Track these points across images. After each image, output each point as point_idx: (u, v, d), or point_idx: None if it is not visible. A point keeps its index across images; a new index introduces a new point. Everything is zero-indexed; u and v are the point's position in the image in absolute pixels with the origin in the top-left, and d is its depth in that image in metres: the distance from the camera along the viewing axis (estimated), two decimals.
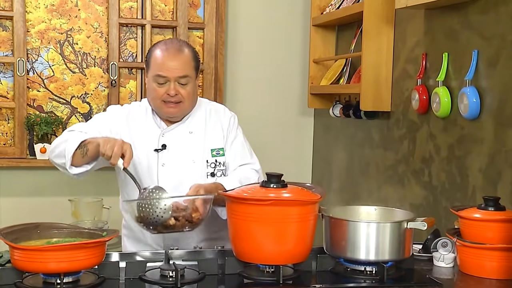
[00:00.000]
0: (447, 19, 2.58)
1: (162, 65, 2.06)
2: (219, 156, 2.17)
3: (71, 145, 2.01)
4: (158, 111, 2.15)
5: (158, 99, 2.09)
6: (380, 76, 3.01)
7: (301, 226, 1.74)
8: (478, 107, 2.35)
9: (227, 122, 2.23)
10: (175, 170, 2.15)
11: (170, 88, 2.06)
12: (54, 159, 2.10)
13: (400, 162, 2.96)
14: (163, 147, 2.13)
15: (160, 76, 2.06)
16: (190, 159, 2.16)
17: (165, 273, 1.67)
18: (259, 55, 3.85)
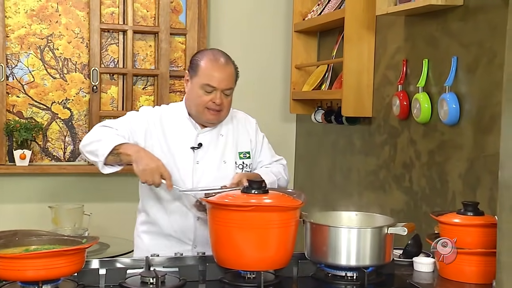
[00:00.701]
0: (427, 26, 2.61)
1: (212, 76, 2.21)
2: (246, 159, 2.34)
3: (104, 148, 2.12)
4: (199, 116, 2.27)
5: (202, 106, 2.23)
6: (362, 82, 3.04)
7: (282, 232, 1.75)
8: (457, 113, 2.38)
9: (253, 128, 2.43)
10: (209, 168, 2.28)
11: (216, 97, 2.21)
12: (87, 154, 2.21)
13: (381, 168, 2.98)
14: (199, 146, 2.27)
15: (209, 85, 2.21)
16: (222, 159, 2.31)
17: (146, 280, 1.67)
18: (241, 61, 3.81)
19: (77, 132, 3.69)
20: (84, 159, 3.71)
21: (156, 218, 2.32)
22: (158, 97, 3.75)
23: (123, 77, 3.72)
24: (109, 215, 3.66)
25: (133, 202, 3.73)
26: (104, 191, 3.72)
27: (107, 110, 3.71)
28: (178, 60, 3.82)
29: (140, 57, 3.76)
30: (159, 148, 2.24)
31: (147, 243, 2.35)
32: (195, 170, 2.26)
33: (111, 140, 2.13)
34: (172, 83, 3.80)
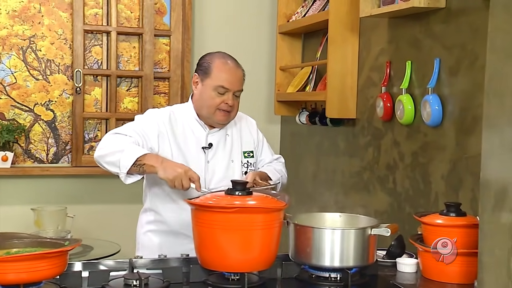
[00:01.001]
0: (410, 28, 2.63)
1: (226, 78, 2.26)
2: (250, 158, 2.42)
3: (127, 159, 2.11)
4: (210, 117, 2.31)
5: (213, 107, 2.28)
6: (346, 83, 3.05)
7: (266, 234, 1.75)
8: (440, 115, 2.40)
9: (255, 128, 2.52)
10: (218, 167, 2.34)
11: (228, 98, 2.27)
12: (106, 165, 2.19)
13: (365, 169, 3.00)
14: (210, 146, 2.33)
15: (223, 87, 2.26)
16: (230, 158, 2.38)
17: (129, 282, 1.66)
18: None
19: (60, 133, 3.66)
20: (68, 161, 3.68)
21: (167, 217, 2.33)
22: (142, 99, 3.74)
23: (107, 78, 3.70)
24: (92, 217, 3.64)
25: (117, 204, 3.73)
26: (87, 193, 3.70)
27: (91, 112, 3.69)
28: (163, 61, 3.81)
29: (124, 59, 3.74)
30: (169, 149, 2.27)
31: (156, 241, 2.35)
32: (207, 169, 2.31)
33: (132, 151, 2.12)
34: (157, 85, 3.79)
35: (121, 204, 3.73)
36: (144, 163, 2.10)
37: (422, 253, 1.90)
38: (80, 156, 3.66)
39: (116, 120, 3.71)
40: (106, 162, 2.17)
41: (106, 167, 2.19)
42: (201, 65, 2.32)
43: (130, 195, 3.74)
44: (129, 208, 3.73)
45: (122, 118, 3.74)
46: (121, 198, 3.73)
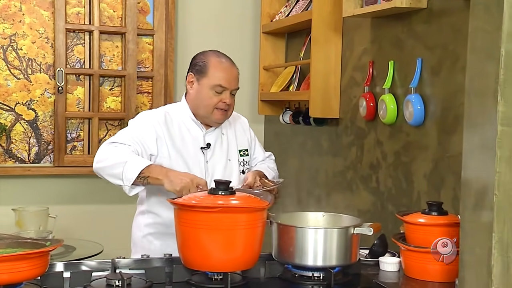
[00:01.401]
0: (392, 28, 2.64)
1: (223, 77, 2.25)
2: (245, 156, 2.43)
3: (130, 172, 2.07)
4: (208, 116, 2.29)
5: (212, 107, 2.26)
6: (329, 83, 3.06)
7: (249, 233, 1.75)
8: (422, 114, 2.41)
9: (247, 126, 2.52)
10: (218, 167, 2.33)
11: (226, 97, 2.25)
12: (107, 177, 2.15)
13: (349, 169, 3.01)
14: (208, 146, 2.32)
15: (220, 86, 2.24)
16: (227, 158, 2.37)
17: (111, 283, 1.65)
18: None
19: (42, 133, 3.63)
20: (50, 161, 3.65)
21: (167, 219, 2.24)
22: (125, 98, 3.72)
23: (89, 78, 3.68)
24: (75, 218, 3.61)
25: (99, 204, 3.71)
26: (70, 193, 3.67)
27: (73, 111, 3.67)
28: (146, 61, 3.79)
29: (107, 58, 3.72)
30: (167, 152, 2.24)
31: (157, 244, 2.32)
32: (206, 169, 2.30)
33: (135, 164, 2.08)
34: (140, 84, 3.77)
35: (104, 204, 3.71)
36: (149, 175, 2.07)
37: (404, 252, 1.91)
38: (62, 156, 3.63)
39: (99, 119, 3.69)
40: (108, 174, 2.13)
41: (107, 179, 2.16)
42: (195, 65, 2.29)
43: (113, 195, 3.71)
44: (112, 208, 3.71)
45: (105, 117, 3.72)
46: (104, 198, 3.71)
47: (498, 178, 1.36)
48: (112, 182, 2.14)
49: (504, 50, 1.34)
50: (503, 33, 1.34)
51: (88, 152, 3.70)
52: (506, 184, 1.37)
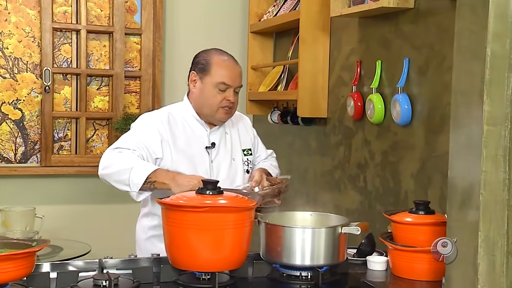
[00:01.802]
0: (380, 28, 2.65)
1: (226, 74, 2.24)
2: (249, 155, 2.42)
3: (137, 178, 2.08)
4: (212, 115, 2.28)
5: (216, 105, 2.25)
6: (317, 83, 3.06)
7: (237, 233, 1.74)
8: (409, 114, 2.42)
9: (250, 124, 2.52)
10: (222, 166, 2.33)
11: (230, 94, 2.25)
12: (114, 183, 2.16)
13: (337, 168, 3.02)
14: (213, 145, 2.31)
15: (224, 84, 2.23)
16: (232, 157, 2.37)
17: (99, 283, 1.64)
18: None
19: (29, 133, 3.61)
20: (36, 161, 3.63)
21: None
22: (113, 98, 3.70)
23: (76, 77, 3.66)
24: (62, 218, 3.60)
25: (87, 204, 3.69)
26: (57, 193, 3.65)
27: (60, 111, 3.65)
28: (133, 60, 3.78)
29: (94, 57, 3.70)
30: (172, 153, 2.22)
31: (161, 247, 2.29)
32: (211, 169, 2.30)
33: (141, 169, 2.09)
34: (128, 84, 3.76)
35: (92, 204, 3.69)
36: (155, 180, 2.08)
37: (391, 251, 1.92)
38: (49, 156, 3.61)
39: (86, 119, 3.67)
40: (115, 180, 2.14)
41: (114, 185, 2.16)
42: (198, 63, 2.29)
43: (101, 195, 3.71)
44: (99, 208, 3.70)
45: (93, 117, 3.71)
46: (91, 198, 3.69)
47: (484, 177, 1.37)
48: (119, 188, 2.14)
49: (489, 50, 1.35)
50: (489, 33, 1.35)
51: (75, 152, 3.68)
52: (492, 183, 1.38)
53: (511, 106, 1.37)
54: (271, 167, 2.44)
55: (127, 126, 3.56)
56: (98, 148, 3.74)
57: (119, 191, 2.12)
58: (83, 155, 3.67)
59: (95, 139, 3.74)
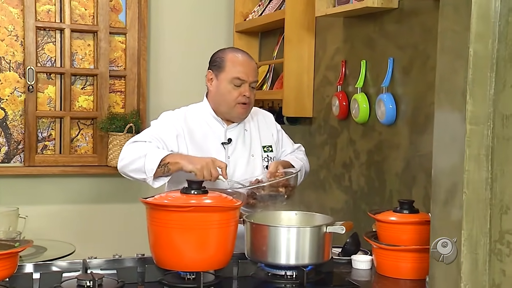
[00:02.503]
0: (364, 28, 2.67)
1: (240, 69, 2.28)
2: (269, 152, 2.42)
3: (151, 163, 2.12)
4: (230, 111, 2.31)
5: (233, 101, 2.28)
6: (302, 82, 3.07)
7: (222, 232, 1.75)
8: (394, 113, 2.44)
9: (273, 121, 2.52)
10: (240, 162, 2.34)
11: (245, 90, 2.27)
12: (131, 173, 2.19)
13: (322, 168, 3.03)
14: (229, 141, 2.33)
15: (239, 79, 2.27)
16: (250, 153, 2.38)
17: (82, 283, 1.63)
18: (183, 61, 3.84)
19: (12, 132, 3.57)
20: (20, 161, 3.60)
21: None
22: (97, 97, 3.68)
23: (60, 76, 3.64)
24: (46, 218, 3.57)
25: (71, 204, 3.67)
26: (41, 193, 3.62)
27: (44, 111, 3.62)
28: (118, 59, 3.76)
29: (79, 56, 3.68)
30: (186, 149, 2.25)
31: None
32: (228, 164, 2.29)
33: (155, 154, 2.12)
34: (112, 83, 3.74)
35: (76, 204, 3.67)
36: (168, 161, 2.11)
37: (376, 250, 1.93)
38: (33, 156, 3.58)
39: (71, 118, 3.65)
40: (131, 170, 2.17)
41: (132, 175, 2.19)
42: (213, 61, 2.34)
43: (85, 195, 3.69)
44: (84, 208, 3.68)
45: (77, 117, 3.68)
46: (76, 198, 3.67)
47: (467, 177, 1.38)
48: (137, 177, 2.17)
49: (472, 50, 1.36)
50: (472, 34, 1.36)
51: (59, 151, 3.65)
52: (475, 182, 1.39)
53: (493, 105, 1.38)
54: (295, 160, 2.44)
55: (112, 126, 3.55)
56: (83, 148, 3.72)
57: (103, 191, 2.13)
58: (67, 155, 3.65)
59: (80, 139, 3.72)
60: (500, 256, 1.41)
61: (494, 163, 1.39)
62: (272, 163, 2.31)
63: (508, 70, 1.38)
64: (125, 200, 3.70)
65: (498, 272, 1.41)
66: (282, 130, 2.54)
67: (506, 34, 1.37)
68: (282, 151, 2.50)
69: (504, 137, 1.39)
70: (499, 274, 1.41)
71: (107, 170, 3.64)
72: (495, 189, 1.39)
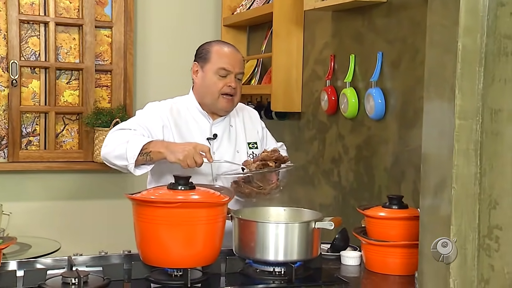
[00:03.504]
0: (353, 22, 2.67)
1: (226, 60, 2.28)
2: (255, 149, 2.42)
3: (132, 149, 2.09)
4: (214, 104, 2.30)
5: (217, 92, 2.28)
6: (291, 77, 3.07)
7: (209, 228, 1.74)
8: (383, 108, 2.44)
9: (258, 118, 2.53)
10: (225, 158, 2.32)
11: (231, 80, 2.27)
12: (114, 160, 2.15)
13: (311, 163, 3.03)
14: (215, 137, 2.33)
15: (224, 69, 2.27)
16: (235, 149, 2.38)
17: (67, 281, 1.63)
18: (170, 55, 3.83)
19: None
20: (4, 157, 3.57)
21: None
22: (83, 92, 3.66)
23: (45, 70, 3.61)
24: (31, 215, 3.55)
25: (56, 200, 3.65)
26: (25, 189, 3.60)
27: (29, 105, 3.59)
28: (104, 53, 3.74)
29: (64, 50, 3.65)
30: (172, 139, 2.24)
31: None
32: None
33: (137, 141, 2.10)
34: (98, 78, 3.72)
35: (61, 200, 3.65)
36: (150, 150, 2.08)
37: (365, 246, 1.94)
38: (17, 151, 3.55)
39: (56, 113, 3.62)
40: (113, 156, 2.14)
41: (114, 163, 2.16)
42: (199, 53, 2.34)
43: (70, 192, 3.67)
44: (69, 204, 3.66)
45: (62, 111, 3.66)
46: (61, 194, 3.65)
47: (456, 171, 1.39)
48: (119, 164, 2.14)
49: (461, 44, 1.37)
50: (460, 28, 1.37)
51: (44, 147, 3.63)
52: (463, 177, 1.40)
53: (482, 100, 1.39)
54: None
55: (97, 121, 3.53)
56: (68, 144, 3.70)
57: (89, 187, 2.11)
58: (52, 150, 3.62)
59: (65, 134, 3.69)
60: (489, 251, 1.42)
61: (483, 158, 1.40)
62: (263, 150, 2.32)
63: (497, 64, 1.39)
64: (111, 196, 3.68)
65: (487, 267, 1.42)
66: (266, 128, 2.55)
67: (495, 28, 1.38)
68: (267, 148, 2.49)
69: (492, 132, 1.40)
70: (488, 269, 1.42)
71: (93, 166, 3.62)
72: (484, 184, 1.41)
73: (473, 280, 1.42)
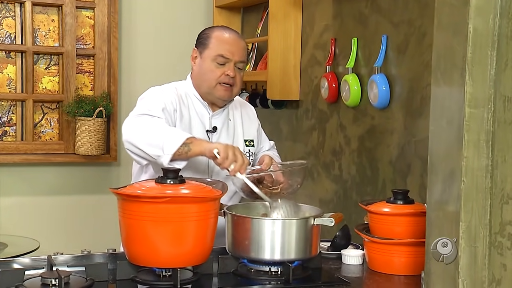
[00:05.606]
0: (356, 3, 2.67)
1: (225, 47, 2.27)
2: (251, 147, 2.43)
3: (174, 141, 2.03)
4: (211, 92, 2.30)
5: (214, 80, 2.27)
6: (288, 62, 3.07)
7: (200, 225, 1.75)
8: (387, 96, 2.45)
9: (255, 115, 2.53)
10: None
11: (230, 68, 2.26)
12: (144, 147, 2.07)
13: (310, 155, 3.04)
14: (215, 129, 2.33)
15: (222, 56, 2.26)
16: (232, 144, 2.30)
17: (47, 282, 1.63)
18: (158, 39, 3.82)
19: None
20: None
21: None
22: (63, 78, 3.66)
23: (21, 55, 3.60)
24: (6, 212, 3.55)
25: (35, 196, 3.65)
26: (1, 184, 3.60)
27: (4, 93, 3.59)
28: (86, 37, 3.73)
29: (42, 33, 3.64)
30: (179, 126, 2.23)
31: None
32: None
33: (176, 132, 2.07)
34: (80, 63, 3.72)
35: (40, 196, 3.65)
36: (191, 141, 2.03)
37: (368, 244, 1.94)
38: None
39: (34, 101, 3.62)
40: (146, 143, 2.06)
41: (143, 149, 2.07)
42: (199, 38, 2.34)
43: (50, 186, 3.67)
44: (49, 200, 3.66)
45: (41, 99, 3.66)
46: (40, 189, 3.65)
47: (466, 164, 1.40)
48: (148, 152, 2.06)
49: (472, 26, 1.37)
50: (471, 8, 1.37)
51: (21, 138, 3.63)
52: (474, 170, 1.40)
53: (494, 87, 1.39)
54: (274, 157, 2.45)
55: (79, 110, 3.53)
56: (47, 134, 3.70)
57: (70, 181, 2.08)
58: (30, 141, 3.62)
59: (44, 124, 3.69)
60: (501, 249, 1.42)
61: (495, 149, 1.40)
62: (266, 156, 2.31)
63: (511, 48, 1.39)
64: (94, 190, 3.69)
65: (499, 267, 1.43)
66: (261, 127, 2.55)
67: (509, 9, 1.38)
68: (261, 147, 2.52)
69: (505, 121, 1.40)
70: (500, 269, 1.43)
71: (75, 158, 3.62)
72: (496, 177, 1.41)
73: (484, 280, 1.43)
